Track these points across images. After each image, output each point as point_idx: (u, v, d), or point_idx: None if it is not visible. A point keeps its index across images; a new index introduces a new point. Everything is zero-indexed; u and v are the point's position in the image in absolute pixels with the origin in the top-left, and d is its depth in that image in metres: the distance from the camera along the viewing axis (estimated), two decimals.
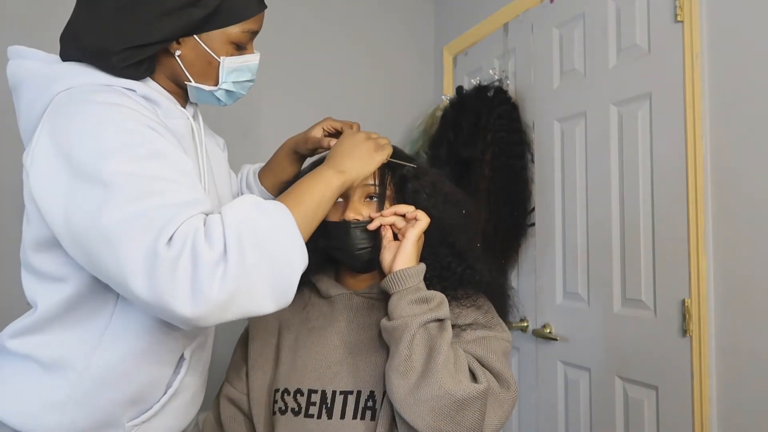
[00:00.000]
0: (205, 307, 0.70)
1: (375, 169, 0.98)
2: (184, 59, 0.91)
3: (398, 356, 0.88)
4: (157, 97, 0.90)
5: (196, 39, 0.90)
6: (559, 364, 1.81)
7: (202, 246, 0.70)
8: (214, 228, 0.73)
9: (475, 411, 0.86)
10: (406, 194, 1.03)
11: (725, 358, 1.34)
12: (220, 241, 0.71)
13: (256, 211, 0.76)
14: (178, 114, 0.95)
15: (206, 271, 0.69)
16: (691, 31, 1.41)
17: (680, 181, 1.43)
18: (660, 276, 1.48)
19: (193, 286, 0.69)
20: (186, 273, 0.69)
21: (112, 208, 0.72)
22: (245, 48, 0.95)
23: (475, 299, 1.03)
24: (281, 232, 0.77)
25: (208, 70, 0.93)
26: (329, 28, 2.27)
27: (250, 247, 0.72)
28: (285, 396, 0.99)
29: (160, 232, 0.71)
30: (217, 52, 0.91)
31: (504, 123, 1.91)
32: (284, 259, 0.76)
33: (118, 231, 0.71)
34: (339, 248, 1.02)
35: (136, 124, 0.79)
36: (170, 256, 0.69)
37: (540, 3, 1.92)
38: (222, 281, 0.70)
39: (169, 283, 0.69)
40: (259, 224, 0.75)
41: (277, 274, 0.75)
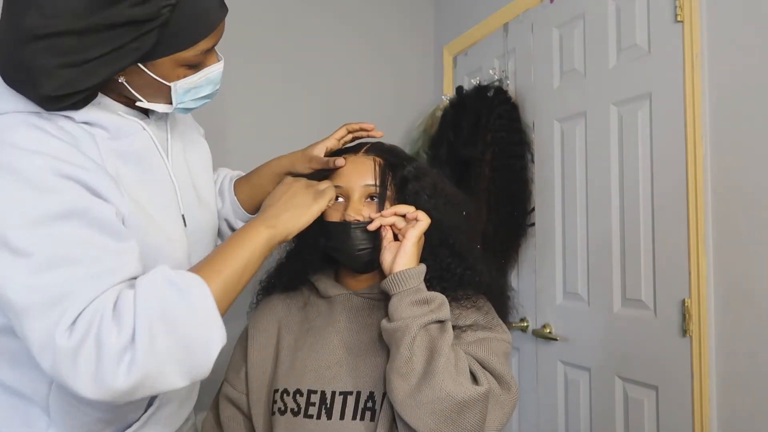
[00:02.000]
0: (108, 394, 0.69)
1: (311, 221, 0.93)
2: (132, 84, 0.82)
3: (399, 358, 0.88)
4: (101, 118, 0.82)
5: (141, 67, 0.79)
6: (559, 364, 1.81)
7: (107, 333, 0.68)
8: (124, 311, 0.70)
9: (476, 413, 0.86)
10: (406, 195, 1.03)
11: (725, 358, 1.33)
12: (129, 326, 0.69)
13: (171, 293, 0.72)
14: (131, 130, 0.86)
15: (111, 362, 0.67)
16: (691, 31, 1.41)
17: (680, 181, 1.43)
18: (660, 276, 1.48)
19: (96, 376, 0.67)
20: (88, 363, 0.67)
21: (15, 277, 0.68)
22: (203, 64, 0.85)
23: (475, 300, 1.03)
24: (197, 315, 0.73)
25: (160, 92, 0.84)
26: (329, 28, 2.27)
27: (161, 333, 0.69)
28: (284, 396, 0.99)
29: (61, 315, 0.68)
30: (166, 77, 0.81)
31: (504, 123, 1.91)
32: (200, 342, 0.73)
33: (22, 303, 0.68)
34: (339, 249, 1.02)
35: (53, 176, 0.71)
36: (70, 346, 0.67)
37: (540, 3, 1.92)
38: (128, 370, 0.68)
39: (70, 371, 0.67)
40: (173, 308, 0.71)
41: (191, 357, 0.72)
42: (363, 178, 1.02)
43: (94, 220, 0.73)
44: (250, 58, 2.10)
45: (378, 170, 1.02)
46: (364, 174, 1.02)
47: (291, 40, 2.19)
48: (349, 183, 1.02)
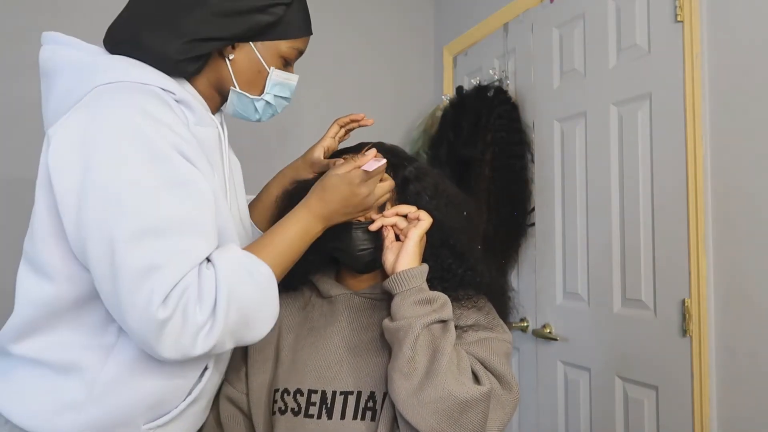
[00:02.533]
0: (184, 356, 0.77)
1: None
2: (235, 65, 0.93)
3: (401, 357, 0.88)
4: (192, 102, 0.90)
5: (252, 46, 0.92)
6: (559, 364, 1.81)
7: (193, 309, 0.75)
8: (206, 287, 0.77)
9: (478, 413, 0.86)
10: (408, 195, 1.03)
11: (725, 358, 1.34)
12: (210, 301, 0.77)
13: (246, 275, 0.81)
14: (209, 121, 0.94)
15: (193, 333, 0.76)
16: (691, 31, 1.41)
17: (680, 182, 1.43)
18: (660, 276, 1.48)
19: (177, 342, 0.75)
20: (174, 332, 0.75)
21: (121, 235, 0.74)
22: (290, 65, 0.98)
23: (475, 300, 1.03)
24: (266, 301, 0.83)
25: (256, 78, 0.95)
26: (329, 28, 2.27)
27: (235, 311, 0.78)
28: (285, 396, 0.99)
29: (157, 286, 0.73)
30: (268, 62, 0.94)
31: (504, 123, 1.91)
32: (260, 322, 0.83)
33: (123, 265, 0.74)
34: (341, 249, 1.02)
35: (166, 145, 0.79)
36: (162, 318, 0.73)
37: (540, 3, 1.92)
38: (204, 341, 0.77)
39: (156, 338, 0.75)
40: (248, 290, 0.80)
41: (247, 333, 0.82)
42: None
43: (196, 190, 0.80)
44: None
45: None
46: None
47: None
48: None
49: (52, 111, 0.85)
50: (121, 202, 0.75)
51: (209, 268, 0.79)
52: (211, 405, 1.02)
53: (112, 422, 0.84)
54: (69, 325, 0.84)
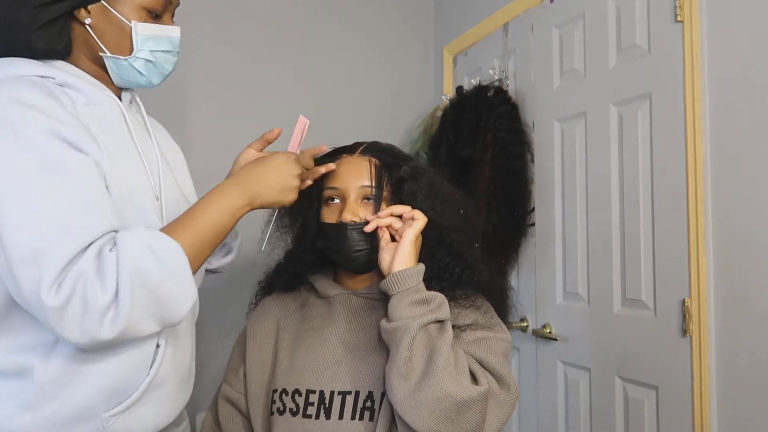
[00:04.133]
0: (93, 342, 0.75)
1: (288, 204, 0.96)
2: (95, 28, 0.89)
3: (399, 358, 0.88)
4: (77, 82, 0.88)
5: (104, 4, 0.88)
6: (559, 364, 1.80)
7: (92, 292, 0.73)
8: (107, 270, 0.75)
9: (476, 413, 0.86)
10: (403, 195, 1.02)
11: (725, 358, 1.33)
12: (112, 284, 0.75)
13: (150, 256, 0.77)
14: (104, 99, 0.91)
15: (96, 317, 0.74)
16: (691, 31, 1.40)
17: (680, 182, 1.43)
18: (660, 276, 1.48)
19: (83, 328, 0.74)
20: (74, 317, 0.73)
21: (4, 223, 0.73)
22: (161, 17, 0.93)
23: (473, 300, 1.03)
24: (174, 280, 0.79)
25: (122, 38, 0.90)
26: (329, 28, 2.27)
27: (141, 294, 0.76)
28: (283, 396, 0.99)
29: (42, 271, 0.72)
30: (128, 17, 0.89)
31: (504, 123, 1.91)
32: (174, 299, 0.79)
33: (11, 252, 0.73)
34: (336, 250, 1.02)
35: (35, 130, 0.77)
36: (57, 304, 0.72)
37: (540, 3, 1.92)
38: (112, 324, 0.75)
39: (58, 322, 0.73)
40: (153, 272, 0.77)
41: (165, 313, 0.79)
42: (359, 180, 1.02)
43: (77, 174, 0.78)
44: (250, 58, 2.10)
45: (374, 171, 1.02)
46: (360, 175, 1.02)
47: (291, 40, 2.19)
48: (345, 184, 1.02)
49: None
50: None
51: (112, 250, 0.77)
52: (183, 392, 0.99)
53: (71, 415, 0.83)
54: (7, 329, 0.83)
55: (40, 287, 0.72)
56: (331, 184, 1.03)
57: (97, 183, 0.80)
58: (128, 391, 0.87)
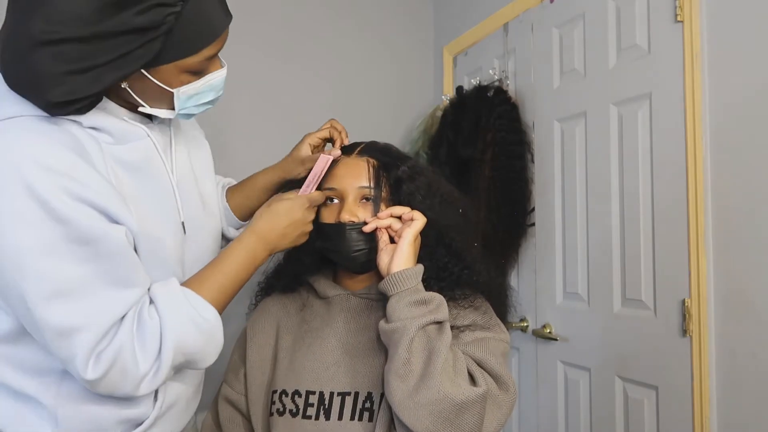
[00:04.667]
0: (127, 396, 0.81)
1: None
2: (134, 89, 0.82)
3: (397, 359, 0.88)
4: (106, 123, 0.82)
5: (144, 73, 0.79)
6: (559, 364, 1.80)
7: (132, 364, 0.77)
8: (148, 337, 0.78)
9: (474, 414, 0.86)
10: (401, 195, 1.02)
11: (725, 358, 1.33)
12: (153, 350, 0.78)
13: (192, 326, 0.81)
14: (136, 135, 0.86)
15: (134, 383, 0.78)
16: (691, 31, 1.40)
17: (680, 182, 1.42)
18: (660, 276, 1.48)
19: (118, 391, 0.78)
20: (110, 383, 0.77)
21: (31, 299, 0.72)
22: (206, 70, 0.85)
23: (472, 300, 1.03)
24: (211, 344, 0.84)
25: (162, 98, 0.84)
26: (329, 28, 2.27)
27: (179, 357, 0.81)
28: (283, 397, 0.99)
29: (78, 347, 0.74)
30: (169, 84, 0.82)
31: (504, 123, 1.91)
32: (203, 360, 0.86)
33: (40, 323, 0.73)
34: (335, 250, 1.02)
35: (63, 200, 0.72)
36: (95, 377, 0.75)
37: (540, 3, 1.92)
38: (150, 384, 0.79)
39: (95, 388, 0.77)
40: (194, 339, 0.81)
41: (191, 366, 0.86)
42: (357, 180, 1.02)
43: (107, 248, 0.77)
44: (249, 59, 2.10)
45: (372, 172, 1.02)
46: (359, 176, 1.02)
47: (291, 40, 2.19)
48: (344, 185, 1.02)
49: None
50: (23, 267, 0.72)
51: (152, 316, 0.79)
52: (193, 403, 1.02)
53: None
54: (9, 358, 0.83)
55: (76, 362, 0.74)
56: (329, 185, 1.03)
57: (128, 251, 0.80)
58: (141, 417, 0.89)
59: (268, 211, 0.96)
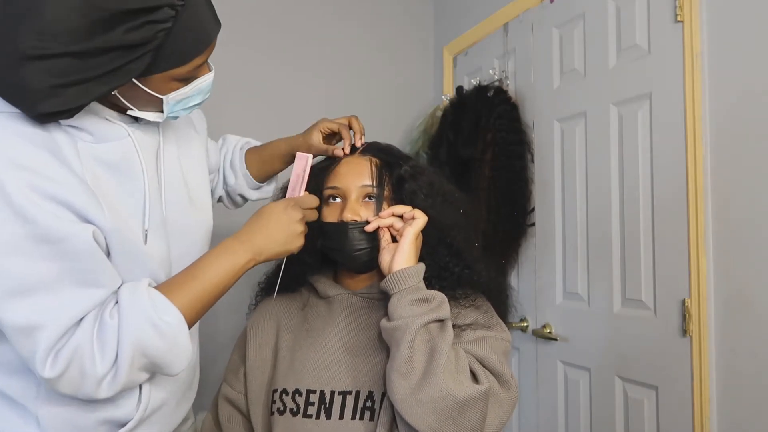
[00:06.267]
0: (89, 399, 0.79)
1: (295, 252, 0.95)
2: (124, 95, 0.82)
3: (399, 357, 0.88)
4: (86, 123, 0.82)
5: (134, 82, 0.79)
6: (559, 364, 1.80)
7: (90, 363, 0.75)
8: (107, 339, 0.76)
9: (477, 412, 0.86)
10: (403, 194, 1.02)
11: (725, 358, 1.33)
12: (111, 353, 0.76)
13: (153, 330, 0.78)
14: (117, 135, 0.86)
15: (93, 383, 0.76)
16: (691, 31, 1.40)
17: (680, 181, 1.43)
18: (660, 276, 1.48)
19: (78, 391, 0.77)
20: (71, 383, 0.76)
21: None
22: (191, 80, 0.85)
23: (473, 299, 1.03)
24: (173, 350, 0.81)
25: (151, 103, 0.84)
26: (329, 29, 2.27)
27: (140, 360, 0.78)
28: (283, 396, 0.99)
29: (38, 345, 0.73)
30: (159, 91, 0.82)
31: (504, 123, 1.91)
32: (169, 366, 0.82)
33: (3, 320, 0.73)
34: (337, 249, 1.02)
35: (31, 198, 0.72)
36: (54, 375, 0.74)
37: (540, 3, 1.92)
38: (109, 387, 0.78)
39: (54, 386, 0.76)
40: (155, 344, 0.78)
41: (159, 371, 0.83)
42: (359, 179, 1.02)
43: (72, 247, 0.75)
44: (249, 59, 2.10)
45: (374, 171, 1.02)
46: (361, 175, 1.02)
47: (291, 40, 2.19)
48: (346, 184, 1.02)
49: None
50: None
51: (112, 316, 0.77)
52: (184, 404, 1.01)
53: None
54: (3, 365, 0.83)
55: (35, 359, 0.73)
56: (331, 184, 1.03)
57: (95, 251, 0.78)
58: (124, 419, 0.89)
59: (253, 216, 0.95)
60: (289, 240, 0.93)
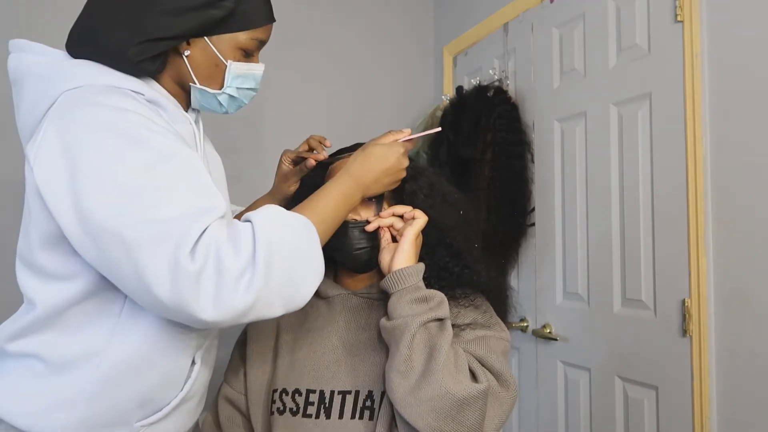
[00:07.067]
0: (226, 314, 0.73)
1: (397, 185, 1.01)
2: (192, 60, 0.92)
3: (398, 356, 0.88)
4: (163, 101, 0.90)
5: (206, 41, 0.91)
6: (559, 364, 1.80)
7: (227, 256, 0.73)
8: (243, 237, 0.75)
9: (476, 410, 0.86)
10: (403, 195, 1.03)
11: (725, 358, 1.33)
12: (249, 250, 0.74)
13: (286, 229, 0.79)
14: (182, 119, 0.94)
15: (231, 282, 0.72)
16: (691, 31, 1.41)
17: (680, 181, 1.43)
18: (660, 276, 1.48)
19: (217, 296, 0.72)
20: (210, 284, 0.72)
21: (128, 214, 0.73)
22: (252, 56, 0.96)
23: (473, 299, 1.03)
24: (307, 255, 0.80)
25: (215, 73, 0.93)
26: (329, 29, 2.27)
27: (277, 264, 0.75)
28: (283, 396, 0.99)
29: (180, 242, 0.71)
30: (225, 55, 0.92)
31: (504, 123, 1.91)
32: (304, 279, 0.80)
33: (138, 239, 0.72)
34: (337, 248, 1.02)
35: (145, 130, 0.79)
36: (194, 269, 0.71)
37: (540, 3, 1.92)
38: (246, 291, 0.73)
39: (193, 294, 0.71)
40: (289, 240, 0.78)
41: (294, 292, 0.79)
42: None
43: (189, 162, 0.79)
44: None
45: None
46: None
47: (291, 41, 2.19)
48: None
49: (22, 123, 0.85)
50: (120, 192, 0.74)
51: (244, 224, 0.78)
52: (203, 401, 1.03)
53: (105, 421, 0.84)
54: (65, 324, 0.84)
55: (178, 256, 0.71)
56: None
57: (204, 169, 0.81)
58: (161, 404, 0.89)
59: (363, 154, 0.97)
60: (393, 184, 0.99)
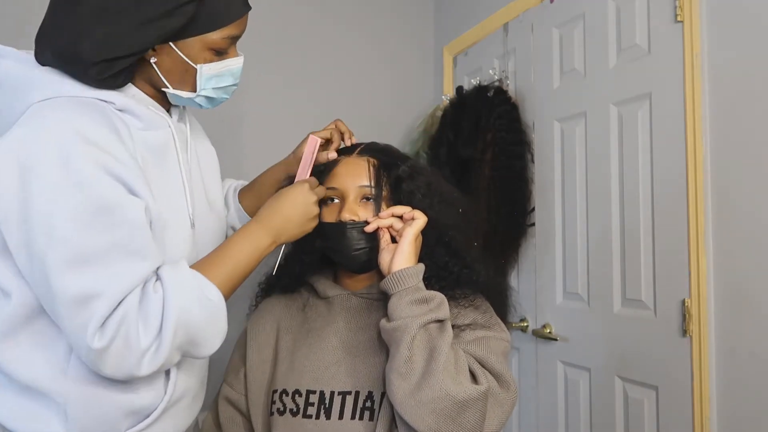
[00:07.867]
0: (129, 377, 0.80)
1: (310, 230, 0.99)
2: (161, 66, 0.88)
3: (399, 357, 0.88)
4: (136, 108, 0.87)
5: (172, 46, 0.86)
6: (559, 364, 1.81)
7: (135, 334, 0.77)
8: (151, 310, 0.78)
9: (476, 412, 0.86)
10: (401, 194, 1.03)
11: (725, 358, 1.33)
12: (155, 325, 0.78)
13: (196, 301, 0.81)
14: (159, 123, 0.92)
15: (137, 357, 0.78)
16: (691, 31, 1.40)
17: (680, 181, 1.43)
18: (660, 276, 1.48)
19: (122, 367, 0.78)
20: (116, 358, 0.77)
21: (58, 263, 0.75)
22: (226, 53, 0.91)
23: (473, 299, 1.03)
24: (214, 324, 0.84)
25: (186, 77, 0.90)
26: (329, 28, 2.27)
27: (182, 332, 0.80)
28: (283, 397, 0.99)
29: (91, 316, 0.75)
30: (194, 59, 0.88)
31: (504, 123, 1.91)
32: (206, 341, 0.85)
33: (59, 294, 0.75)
34: (336, 249, 1.02)
35: (99, 171, 0.77)
36: (101, 347, 0.75)
37: (540, 3, 1.92)
38: (150, 362, 0.79)
39: (99, 363, 0.77)
40: (196, 315, 0.81)
41: (196, 352, 0.85)
42: (358, 180, 1.02)
43: (125, 218, 0.79)
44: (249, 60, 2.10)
45: (372, 171, 1.03)
46: (359, 175, 1.02)
47: (291, 41, 2.19)
48: (344, 184, 1.02)
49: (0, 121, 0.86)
50: (51, 230, 0.75)
51: (156, 290, 0.80)
52: (199, 399, 1.02)
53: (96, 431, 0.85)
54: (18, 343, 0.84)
55: (87, 331, 0.74)
56: (330, 185, 1.04)
57: (144, 225, 0.82)
58: (147, 412, 0.89)
59: (270, 200, 0.98)
60: (305, 223, 0.97)
